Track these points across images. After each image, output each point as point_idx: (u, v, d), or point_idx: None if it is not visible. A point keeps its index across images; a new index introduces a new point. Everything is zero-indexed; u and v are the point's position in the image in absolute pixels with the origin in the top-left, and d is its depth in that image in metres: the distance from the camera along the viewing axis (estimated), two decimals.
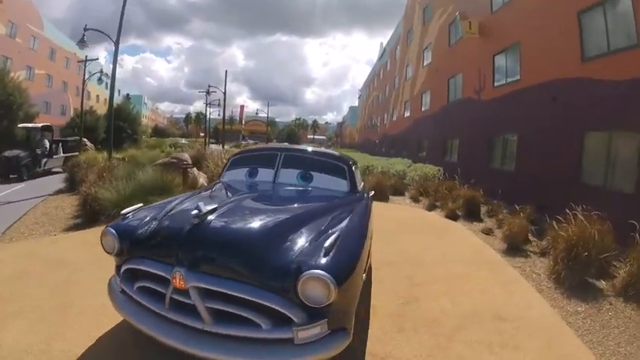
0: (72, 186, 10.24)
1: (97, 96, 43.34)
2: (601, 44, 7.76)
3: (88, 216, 6.71)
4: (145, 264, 2.38)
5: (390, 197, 10.88)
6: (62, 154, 15.55)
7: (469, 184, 9.71)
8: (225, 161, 10.62)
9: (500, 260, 5.55)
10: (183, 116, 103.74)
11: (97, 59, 23.70)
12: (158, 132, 68.17)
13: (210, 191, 3.45)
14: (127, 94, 52.50)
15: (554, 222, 5.29)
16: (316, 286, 1.99)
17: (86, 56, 23.03)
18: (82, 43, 11.96)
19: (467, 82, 14.58)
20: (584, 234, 4.74)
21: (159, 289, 2.31)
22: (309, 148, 4.77)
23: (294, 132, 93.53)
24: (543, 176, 8.92)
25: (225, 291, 2.11)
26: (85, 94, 30.49)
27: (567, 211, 5.24)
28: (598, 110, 7.53)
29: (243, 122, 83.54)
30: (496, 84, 12.14)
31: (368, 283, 4.12)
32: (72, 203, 8.27)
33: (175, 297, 2.21)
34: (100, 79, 22.18)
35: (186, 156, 11.23)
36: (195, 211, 2.32)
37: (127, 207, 3.07)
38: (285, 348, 2.06)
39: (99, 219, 6.43)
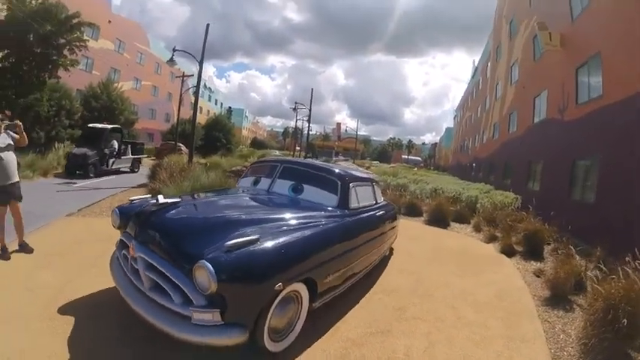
0: (151, 181, 10.97)
1: (200, 107, 49.40)
2: None
3: None
4: (124, 236, 3.22)
5: (452, 224, 10.10)
6: (130, 156, 16.16)
7: (545, 218, 8.48)
8: None
9: (531, 310, 4.70)
10: (282, 130, 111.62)
11: (193, 75, 27.46)
12: (256, 144, 73.13)
13: (220, 192, 4.41)
14: (229, 107, 58.14)
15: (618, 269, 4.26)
16: (202, 274, 2.35)
17: (183, 72, 26.99)
18: (171, 62, 14.22)
19: (551, 100, 12.91)
20: (630, 291, 3.76)
21: (127, 255, 3.05)
22: (309, 162, 5.03)
23: (387, 150, 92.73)
24: (626, 209, 7.36)
25: (153, 264, 2.68)
26: (189, 105, 35.29)
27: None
28: None
29: (340, 139, 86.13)
30: (579, 101, 10.53)
31: (350, 305, 4.05)
32: (140, 194, 9.52)
33: (133, 264, 2.92)
34: (207, 88, 25.83)
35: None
36: (153, 201, 3.21)
37: None
38: (185, 323, 2.44)
39: None
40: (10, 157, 4.30)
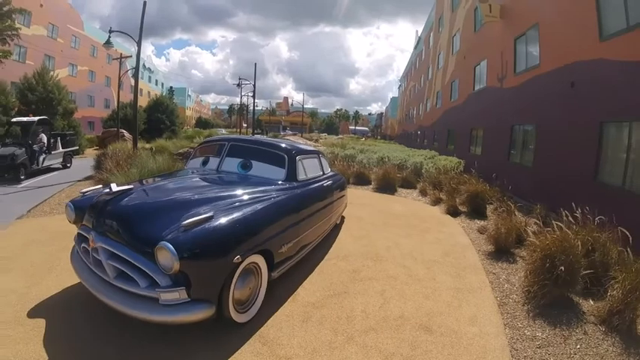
0: (97, 173, 10.50)
1: (141, 89, 46.09)
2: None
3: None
4: (82, 229, 3.20)
5: (400, 190, 10.50)
6: (61, 149, 14.00)
7: (488, 180, 9.11)
8: None
9: (476, 264, 5.09)
10: (227, 107, 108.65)
11: (131, 56, 25.42)
12: (201, 123, 70.85)
13: (164, 176, 4.24)
14: (170, 87, 54.92)
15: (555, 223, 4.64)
16: (164, 255, 2.43)
17: (121, 53, 24.99)
18: (107, 44, 13.29)
19: (490, 69, 13.61)
20: (564, 241, 4.11)
21: (87, 247, 3.00)
22: (256, 138, 5.09)
23: (334, 123, 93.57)
24: (559, 172, 8.12)
25: (115, 251, 2.69)
26: (129, 88, 33.05)
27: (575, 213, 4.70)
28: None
29: (288, 113, 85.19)
30: (517, 70, 11.21)
31: (306, 272, 4.25)
32: (86, 187, 8.86)
33: (94, 255, 2.88)
34: (134, 73, 23.90)
35: None
36: (107, 190, 3.11)
37: None
38: (154, 305, 2.51)
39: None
40: None
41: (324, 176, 5.28)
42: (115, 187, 3.08)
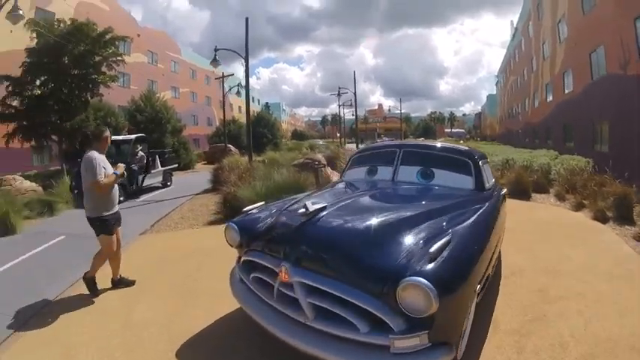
0: (216, 186, 10.89)
1: (239, 107, 49.51)
2: None
3: (228, 212, 7.21)
4: (258, 256, 2.66)
5: (533, 195, 10.06)
6: (160, 168, 13.58)
7: (622, 179, 8.51)
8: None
9: None
10: (320, 119, 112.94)
11: (233, 74, 27.86)
12: (297, 135, 74.13)
13: (328, 190, 3.69)
14: (266, 103, 59.54)
15: None
16: (416, 294, 1.89)
17: (222, 73, 27.33)
18: (214, 62, 13.79)
19: (610, 55, 12.51)
20: None
21: (269, 280, 2.51)
22: (431, 143, 4.74)
23: (430, 127, 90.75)
24: None
25: (325, 289, 2.15)
26: (228, 106, 34.61)
27: None
28: None
29: (385, 119, 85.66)
30: None
31: (494, 292, 3.88)
32: (216, 201, 8.74)
33: (282, 290, 2.37)
34: (238, 92, 26.10)
35: (319, 156, 11.80)
36: (302, 210, 2.52)
37: (263, 201, 3.69)
38: (381, 355, 1.99)
39: (238, 214, 7.14)
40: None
41: (494, 183, 4.70)
42: (311, 206, 2.49)
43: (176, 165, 16.12)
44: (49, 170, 15.97)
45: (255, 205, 3.37)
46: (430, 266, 2.00)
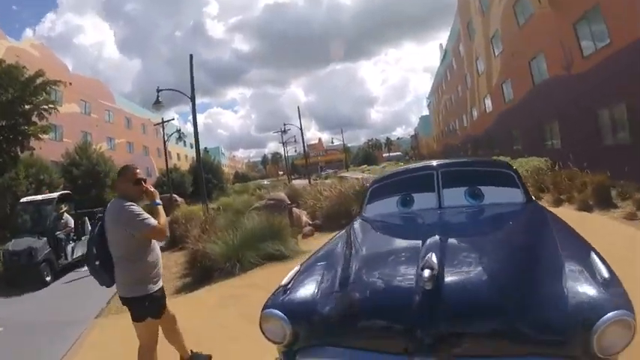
0: (172, 243, 9.90)
1: (178, 154, 48.48)
2: None
3: (199, 274, 6.38)
4: (350, 356, 1.74)
5: None
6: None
7: (582, 169, 9.26)
8: (320, 195, 11.20)
9: None
10: (259, 159, 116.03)
11: (174, 119, 26.96)
12: (239, 177, 74.34)
13: (367, 234, 2.88)
14: (205, 148, 58.12)
15: None
16: (617, 330, 1.49)
17: (162, 118, 26.33)
18: (157, 104, 12.79)
19: (551, 60, 13.91)
20: None
21: None
22: (465, 159, 4.53)
23: (370, 154, 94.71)
24: None
25: None
26: (167, 154, 34.36)
27: None
28: None
29: (325, 153, 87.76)
30: (585, 54, 11.48)
31: None
32: (177, 261, 8.03)
33: None
34: (179, 138, 25.16)
35: (283, 195, 11.63)
36: (426, 271, 1.59)
37: (238, 258, 3.30)
38: None
39: (212, 276, 6.11)
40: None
41: None
42: (427, 273, 1.59)
43: None
44: None
45: (291, 275, 2.28)
46: (611, 294, 1.57)
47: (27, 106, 13.86)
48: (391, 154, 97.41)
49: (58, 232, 9.24)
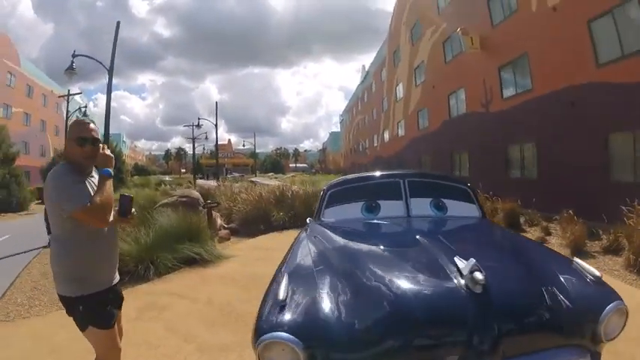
0: None
1: None
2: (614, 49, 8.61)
3: None
4: None
5: None
6: None
7: (489, 196, 10.26)
8: (236, 197, 10.48)
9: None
10: (162, 153, 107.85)
11: (81, 93, 23.40)
12: (138, 170, 69.42)
13: (348, 239, 2.67)
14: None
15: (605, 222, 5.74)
16: (617, 318, 1.75)
17: (69, 90, 22.95)
18: (71, 70, 11.36)
19: (471, 96, 15.43)
20: None
21: None
22: (428, 172, 4.45)
23: (278, 161, 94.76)
24: (575, 181, 9.45)
25: None
26: (64, 134, 29.86)
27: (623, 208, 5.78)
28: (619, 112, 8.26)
29: (234, 154, 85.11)
30: (505, 95, 12.97)
31: None
32: None
33: None
34: (84, 114, 21.97)
35: (196, 193, 10.78)
36: (476, 274, 1.57)
37: (152, 260, 3.16)
38: None
39: (121, 279, 5.35)
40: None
41: None
42: (479, 276, 1.57)
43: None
44: None
45: (283, 286, 1.84)
46: (606, 287, 1.90)
47: None
48: (298, 164, 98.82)
49: None
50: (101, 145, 2.03)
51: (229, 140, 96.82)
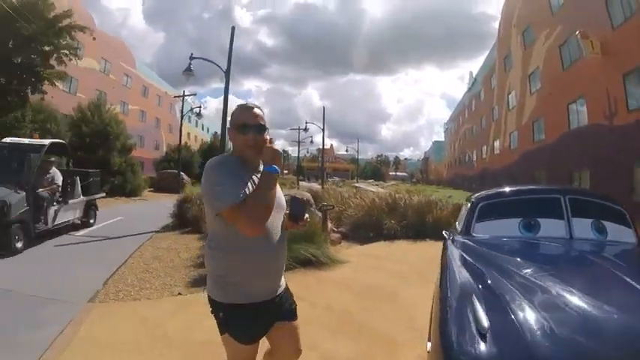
0: (181, 222, 9.37)
1: (188, 133, 47.66)
2: None
3: None
4: None
5: None
6: (82, 197, 8.94)
7: None
8: (348, 202, 10.16)
9: None
10: None
11: (195, 94, 26.24)
12: None
13: (526, 260, 2.41)
14: (216, 132, 58.52)
15: None
16: None
17: (184, 91, 26.03)
18: (188, 72, 12.07)
19: (592, 107, 13.94)
20: None
21: None
22: (584, 189, 3.80)
23: (378, 169, 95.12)
24: None
25: None
26: (177, 131, 33.94)
27: None
28: None
29: (335, 160, 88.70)
30: (632, 106, 11.53)
31: None
32: (188, 245, 7.26)
33: None
34: (198, 114, 24.62)
35: (307, 195, 10.39)
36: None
37: None
38: None
39: None
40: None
41: None
42: None
43: (104, 195, 11.31)
44: None
45: (481, 312, 1.62)
46: None
47: (47, 47, 12.90)
48: (398, 173, 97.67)
49: (40, 190, 7.32)
50: (268, 137, 1.72)
51: (331, 145, 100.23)
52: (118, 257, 6.15)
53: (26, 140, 8.35)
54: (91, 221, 9.41)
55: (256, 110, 1.72)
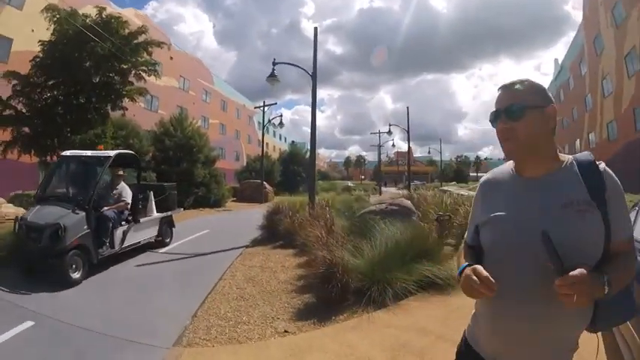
0: (271, 235, 8.95)
1: (267, 143, 49.89)
2: None
3: (326, 293, 4.32)
4: None
5: None
6: (155, 214, 8.09)
7: None
8: (457, 209, 8.61)
9: None
10: (340, 160, 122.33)
11: (276, 103, 27.21)
12: (321, 176, 76.30)
13: None
14: (293, 142, 60.62)
15: None
16: None
17: (264, 101, 26.35)
18: (272, 77, 11.84)
19: None
20: None
21: None
22: None
23: (462, 171, 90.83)
24: None
25: None
26: (257, 142, 34.57)
27: None
28: None
29: (414, 163, 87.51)
30: None
31: None
32: (283, 263, 6.55)
33: None
34: (280, 123, 25.63)
35: (406, 201, 9.59)
36: None
37: (388, 281, 2.93)
38: None
39: (345, 298, 4.37)
40: None
41: None
42: None
43: (182, 209, 10.52)
44: None
45: None
46: None
47: (124, 65, 13.07)
48: (479, 174, 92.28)
49: (106, 208, 6.52)
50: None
51: (410, 148, 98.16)
52: (207, 279, 5.48)
53: (88, 152, 7.39)
54: (167, 240, 8.54)
55: (508, 87, 1.18)
